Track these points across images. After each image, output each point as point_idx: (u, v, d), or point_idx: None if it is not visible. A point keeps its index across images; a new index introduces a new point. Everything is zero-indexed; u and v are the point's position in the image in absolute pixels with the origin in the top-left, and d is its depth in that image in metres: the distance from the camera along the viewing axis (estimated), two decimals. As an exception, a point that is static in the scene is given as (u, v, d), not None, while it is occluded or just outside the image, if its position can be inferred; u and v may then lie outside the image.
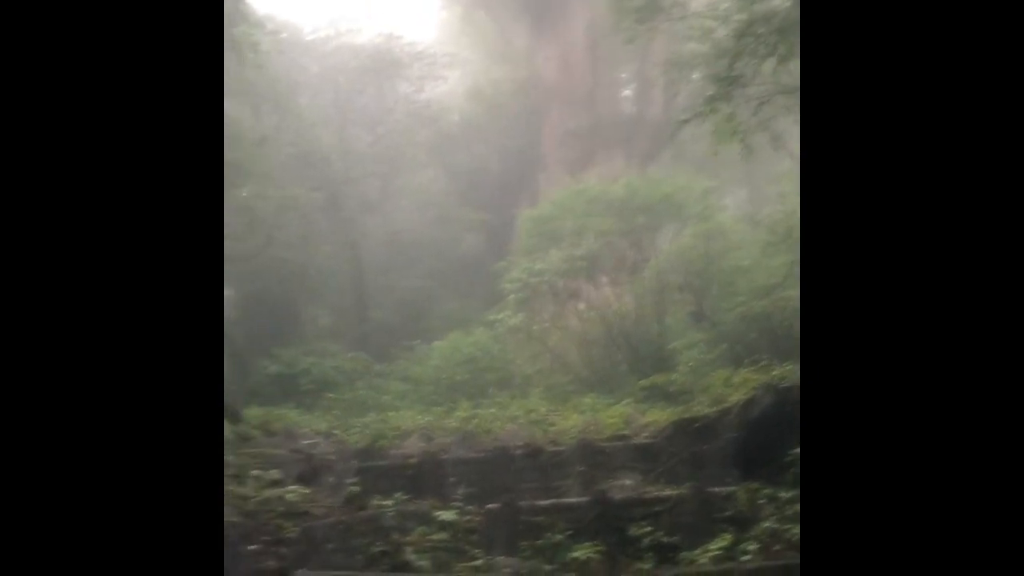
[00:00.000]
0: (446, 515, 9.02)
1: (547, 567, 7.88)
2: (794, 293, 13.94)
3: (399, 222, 24.46)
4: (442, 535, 8.75)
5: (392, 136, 23.25)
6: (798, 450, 8.67)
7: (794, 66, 8.81)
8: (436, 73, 24.20)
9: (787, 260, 14.45)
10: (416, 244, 23.35)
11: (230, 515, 8.38)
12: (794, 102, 9.10)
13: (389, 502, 9.24)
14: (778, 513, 8.19)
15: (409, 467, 10.14)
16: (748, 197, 27.28)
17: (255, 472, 9.46)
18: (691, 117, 8.94)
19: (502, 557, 8.04)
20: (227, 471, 9.47)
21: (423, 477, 10.03)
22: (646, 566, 7.77)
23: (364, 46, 23.04)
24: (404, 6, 34.59)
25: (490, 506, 9.00)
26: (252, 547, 8.05)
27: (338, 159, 21.05)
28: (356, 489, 9.84)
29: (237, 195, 18.45)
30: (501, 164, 24.86)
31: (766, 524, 8.03)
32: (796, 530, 7.78)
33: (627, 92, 28.42)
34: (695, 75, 18.22)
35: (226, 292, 20.45)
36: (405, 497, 9.46)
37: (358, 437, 11.78)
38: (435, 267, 22.67)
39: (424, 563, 8.17)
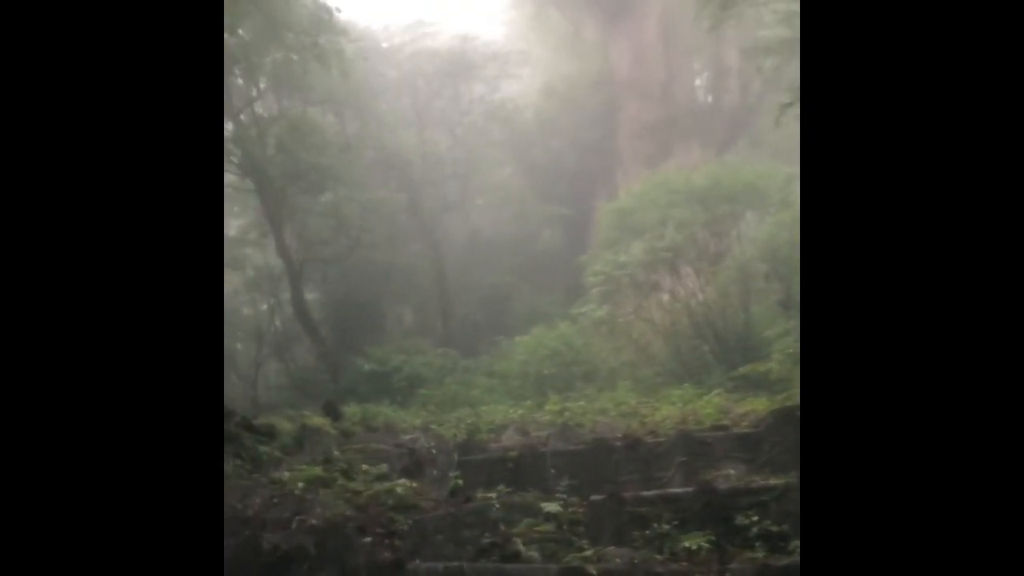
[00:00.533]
0: (551, 507, 9.16)
1: (658, 556, 7.95)
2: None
3: (479, 220, 24.75)
4: (548, 526, 8.88)
5: (470, 137, 23.54)
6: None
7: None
8: (510, 72, 24.42)
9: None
10: (496, 241, 23.59)
11: (344, 509, 8.70)
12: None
13: (493, 494, 9.42)
14: (889, 499, 8.10)
15: (509, 460, 10.31)
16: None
17: (364, 467, 9.76)
18: (791, 102, 8.84)
19: (612, 548, 8.14)
20: (336, 466, 9.82)
21: (523, 470, 10.19)
22: (757, 555, 7.77)
23: (439, 50, 23.37)
24: (476, 6, 34.80)
25: (594, 497, 9.10)
26: (367, 539, 8.33)
27: (418, 161, 21.42)
28: (460, 482, 10.06)
29: (325, 200, 18.96)
30: (577, 159, 24.89)
31: (877, 511, 7.95)
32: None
33: (699, 82, 28.16)
34: (768, 62, 17.95)
35: (315, 294, 21.02)
36: (508, 489, 9.63)
37: (454, 431, 12.02)
38: (515, 263, 22.87)
39: (533, 554, 8.32)
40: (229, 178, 16.92)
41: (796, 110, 9.54)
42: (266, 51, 17.72)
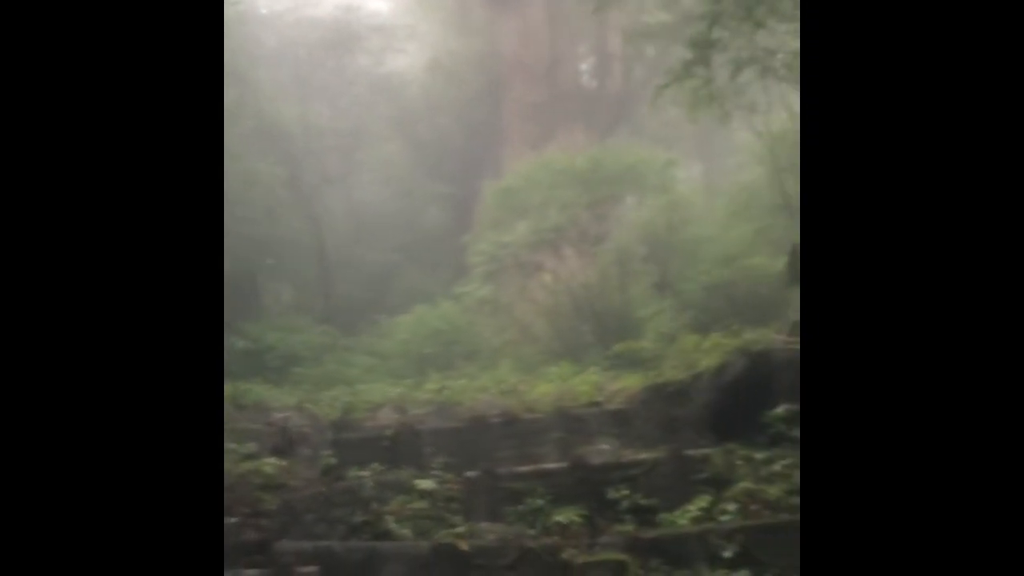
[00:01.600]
0: (425, 484, 9.09)
1: (530, 531, 8.01)
2: (756, 261, 14.22)
3: (362, 196, 24.21)
4: (422, 504, 8.82)
5: (353, 110, 22.97)
6: (775, 411, 8.91)
7: (767, 31, 8.91)
8: (395, 46, 23.94)
9: (748, 229, 14.71)
10: (380, 218, 23.16)
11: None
12: (769, 64, 9.20)
13: (366, 472, 9.28)
14: (754, 473, 8.39)
15: (384, 438, 10.17)
16: (702, 171, 27.56)
17: (231, 446, 9.39)
18: (671, 81, 8.99)
19: (485, 523, 8.15)
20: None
21: (399, 448, 10.07)
22: (627, 528, 7.94)
23: (323, 19, 22.66)
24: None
25: (469, 474, 9.09)
26: (232, 520, 8.03)
27: (299, 133, 20.74)
28: (332, 461, 9.85)
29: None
30: (464, 137, 24.69)
31: (743, 484, 8.23)
32: (773, 490, 8.00)
33: (584, 66, 28.42)
34: (650, 49, 18.29)
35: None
36: (382, 467, 9.51)
37: (329, 410, 11.76)
38: (399, 240, 22.53)
39: (406, 531, 8.24)
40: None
41: (672, 92, 9.77)
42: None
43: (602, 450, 9.56)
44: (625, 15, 21.97)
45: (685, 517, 7.89)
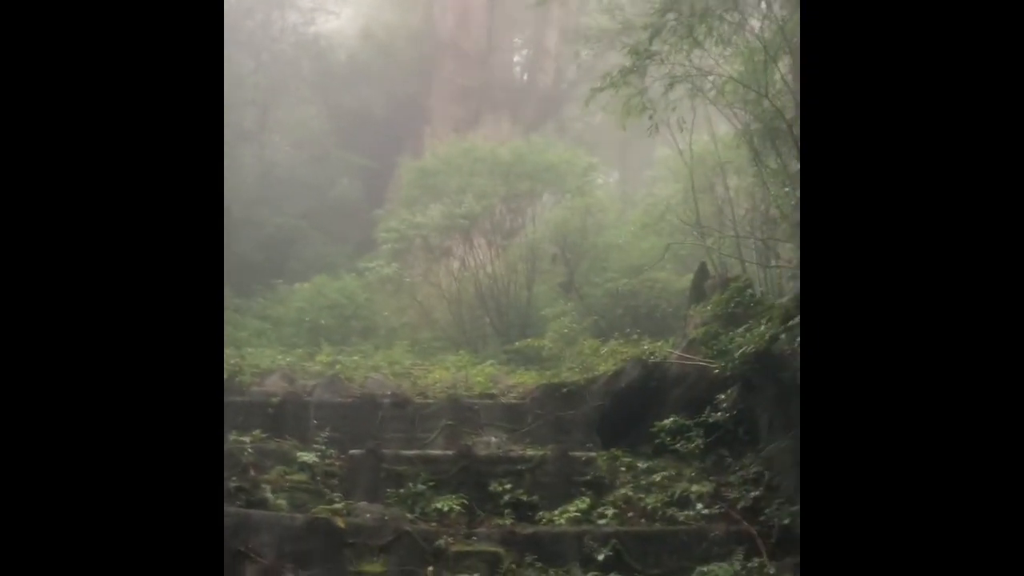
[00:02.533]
0: (307, 456, 8.87)
1: (408, 515, 7.91)
2: (662, 275, 14.47)
3: (274, 157, 23.47)
4: (301, 476, 8.61)
5: (276, 66, 22.23)
6: (663, 422, 9.06)
7: (703, 51, 9.04)
8: (328, 7, 23.33)
9: (658, 243, 14.92)
10: (289, 181, 22.49)
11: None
12: (700, 85, 9.35)
13: (247, 439, 8.97)
14: (635, 481, 8.54)
15: (270, 405, 9.87)
16: (619, 180, 27.95)
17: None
18: (606, 85, 9.02)
19: (363, 503, 8.00)
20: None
21: (284, 417, 9.79)
22: (505, 522, 7.93)
23: (256, -33, 21.91)
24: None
25: (353, 451, 8.92)
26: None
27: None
28: (213, 423, 9.47)
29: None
30: (386, 111, 24.23)
31: (623, 491, 8.36)
32: (651, 499, 8.15)
33: (518, 59, 28.41)
34: (584, 53, 18.37)
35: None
36: (264, 435, 9.22)
37: (215, 371, 11.31)
38: (308, 207, 21.92)
39: (282, 502, 8.01)
40: None
41: (604, 97, 9.82)
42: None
43: (490, 442, 9.55)
44: (566, 14, 22.07)
45: (564, 517, 7.95)
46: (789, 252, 10.75)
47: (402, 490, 8.35)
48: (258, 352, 13.22)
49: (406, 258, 17.32)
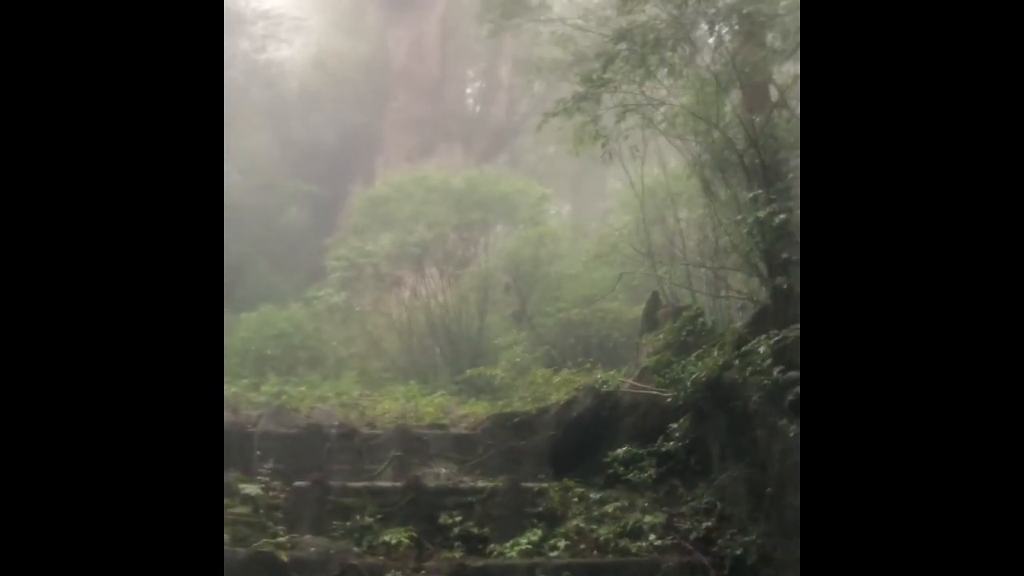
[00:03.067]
0: (250, 488, 8.58)
1: (355, 548, 7.67)
2: (614, 305, 14.49)
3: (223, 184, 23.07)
4: (244, 509, 8.31)
5: (225, 93, 21.89)
6: (616, 452, 8.98)
7: (656, 81, 9.13)
8: (280, 35, 23.17)
9: (608, 274, 14.97)
10: (237, 208, 22.04)
11: None
12: (652, 116, 9.43)
13: (188, 471, 8.67)
14: (587, 512, 8.40)
15: (213, 436, 9.54)
16: (571, 211, 28.15)
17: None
18: (559, 111, 9.03)
19: (308, 536, 7.74)
20: None
21: (229, 448, 9.37)
22: (455, 555, 7.74)
23: (207, -7, 21.66)
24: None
25: (298, 483, 8.65)
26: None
27: (163, 106, 19.63)
28: (152, 454, 9.14)
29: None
30: (337, 140, 24.12)
31: (575, 522, 8.22)
32: (603, 530, 8.02)
33: (471, 90, 28.59)
34: (537, 85, 18.55)
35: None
36: (206, 467, 8.91)
37: (156, 401, 10.95)
38: (256, 235, 21.57)
39: (224, 536, 7.71)
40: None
41: (555, 127, 9.87)
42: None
43: (440, 473, 9.35)
44: (519, 46, 22.26)
45: (515, 549, 7.77)
46: (739, 282, 10.84)
47: (349, 523, 8.11)
48: (201, 382, 12.84)
49: (356, 287, 17.12)
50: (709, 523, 7.94)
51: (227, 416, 10.38)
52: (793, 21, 8.19)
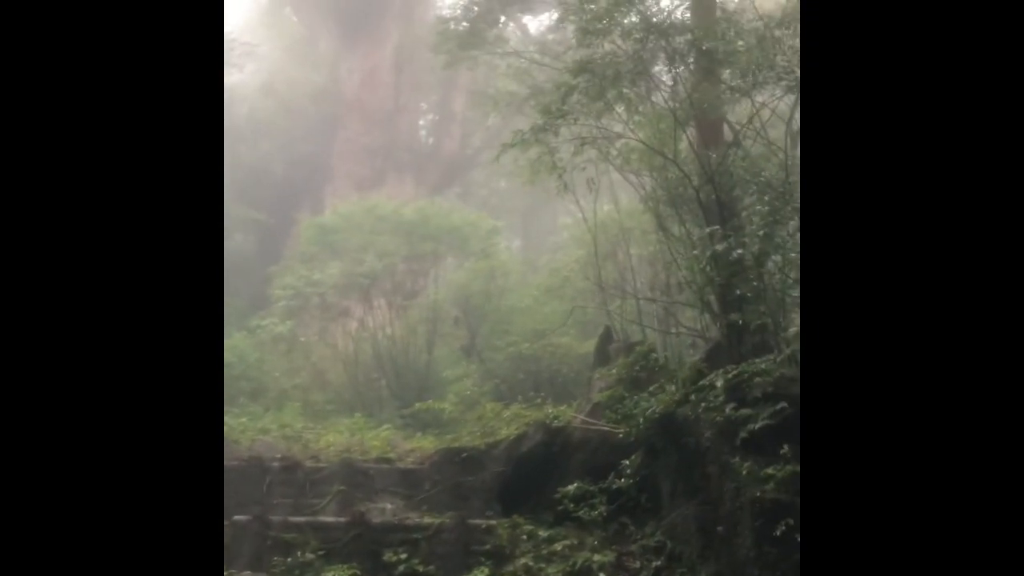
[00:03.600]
0: (185, 524, 8.21)
1: (296, 588, 7.38)
2: (564, 340, 14.41)
3: (165, 207, 22.59)
4: (178, 545, 7.94)
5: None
6: (566, 488, 8.83)
7: (613, 116, 9.15)
8: (231, 60, 22.80)
9: (559, 308, 14.93)
10: (180, 234, 21.67)
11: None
12: (608, 150, 9.44)
13: (119, 505, 8.27)
14: (536, 551, 8.22)
15: (147, 468, 9.14)
16: (521, 246, 28.16)
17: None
18: (516, 142, 8.98)
19: (247, 572, 7.42)
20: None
21: (162, 481, 9.08)
22: (400, 594, 7.49)
23: (156, 15, 21.32)
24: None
25: (237, 517, 8.31)
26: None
27: (107, 127, 19.15)
28: (81, 487, 8.71)
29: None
30: (286, 167, 23.81)
31: (523, 560, 8.03)
32: (552, 569, 7.85)
33: (423, 122, 28.55)
34: (491, 119, 18.60)
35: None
36: (139, 501, 8.52)
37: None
38: (198, 261, 21.12)
39: (154, 575, 7.34)
40: None
41: (508, 160, 9.84)
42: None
43: (385, 509, 9.09)
44: (473, 79, 22.33)
45: (462, 588, 7.56)
46: (690, 319, 10.85)
47: (290, 559, 7.81)
48: (136, 412, 12.37)
49: (301, 317, 16.77)
50: (659, 562, 7.80)
51: (163, 447, 9.99)
52: (749, 59, 8.30)
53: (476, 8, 14.46)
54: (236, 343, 16.38)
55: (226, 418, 12.20)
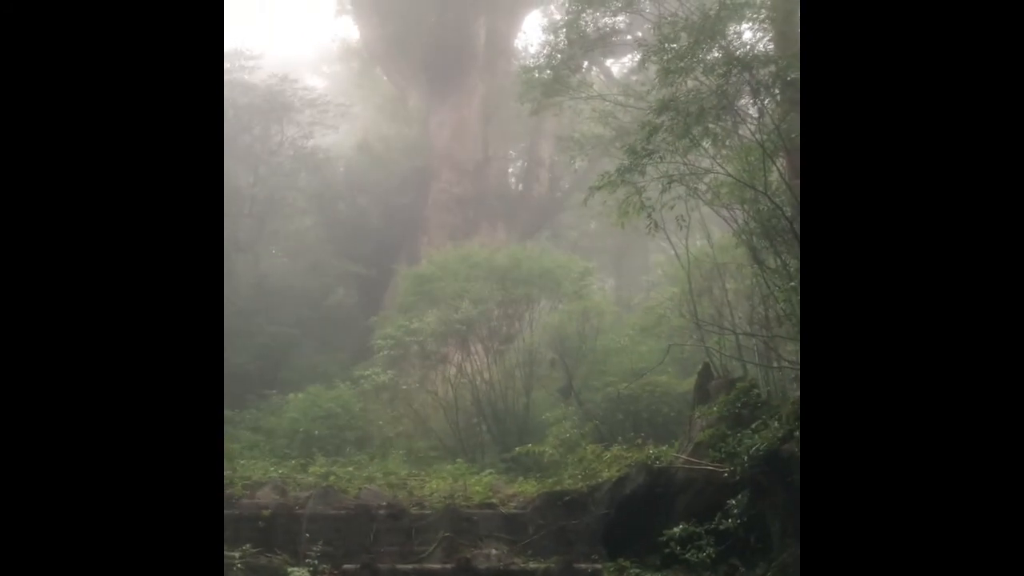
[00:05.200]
0: (298, 572, 8.46)
1: (406, 635, 7.45)
2: (663, 379, 14.24)
3: (269, 266, 23.54)
4: (292, 594, 8.16)
5: (274, 178, 22.55)
6: (671, 530, 8.68)
7: (699, 152, 9.12)
8: (326, 121, 23.81)
9: (656, 347, 14.79)
10: (285, 290, 22.46)
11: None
12: (697, 186, 9.40)
13: (236, 553, 8.55)
14: (644, 593, 8.10)
15: (261, 518, 9.46)
16: (614, 286, 28.04)
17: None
18: (604, 184, 9.05)
19: (358, 621, 7.54)
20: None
21: (275, 530, 9.37)
22: (509, 640, 7.47)
23: (256, 85, 22.46)
24: (302, 52, 34.27)
25: (347, 566, 8.50)
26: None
27: (214, 193, 20.13)
28: (200, 538, 9.05)
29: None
30: (382, 220, 24.52)
31: (632, 604, 7.92)
32: (661, 612, 7.70)
33: (512, 169, 28.99)
34: (579, 162, 18.74)
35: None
36: (255, 550, 8.80)
37: (205, 483, 10.91)
38: (303, 316, 21.83)
39: (271, 623, 7.56)
40: None
41: (597, 203, 9.87)
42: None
43: (490, 555, 9.10)
44: (559, 124, 22.61)
45: (571, 634, 7.48)
46: (792, 352, 10.58)
47: (399, 607, 7.89)
48: (250, 464, 12.81)
49: (402, 365, 17.08)
50: (773, 605, 7.58)
51: (275, 498, 10.30)
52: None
53: (559, 55, 14.71)
54: (340, 394, 16.83)
55: (333, 467, 12.57)
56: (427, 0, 25.00)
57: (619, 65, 27.25)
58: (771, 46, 10.42)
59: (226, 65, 22.24)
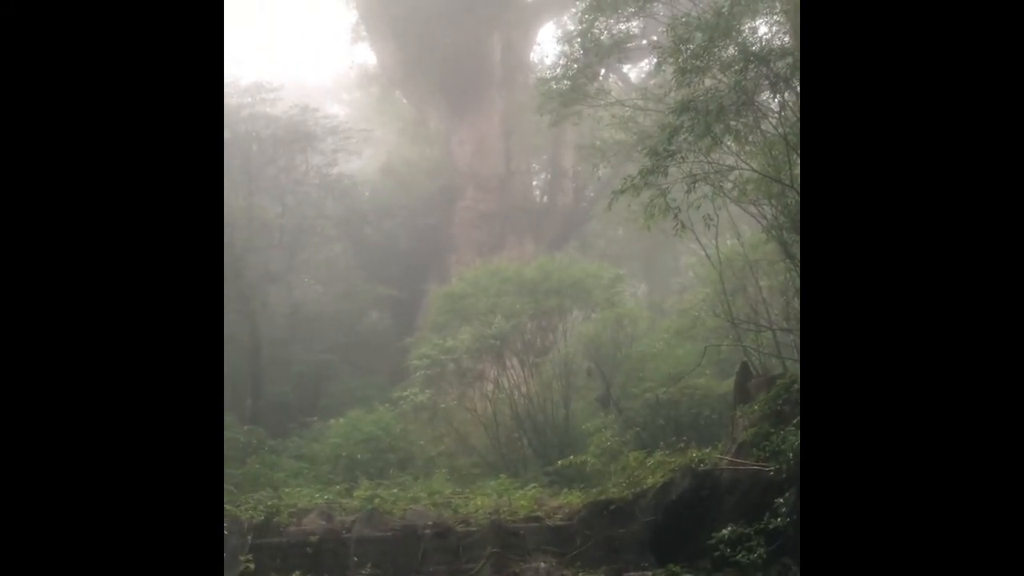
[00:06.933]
0: (349, 597, 8.46)
1: (460, 653, 7.42)
2: (701, 381, 14.10)
3: (303, 295, 23.75)
4: (344, 619, 8.17)
5: (301, 208, 22.78)
6: (720, 532, 8.58)
7: (723, 149, 9.06)
8: (350, 148, 24.01)
9: (692, 349, 14.68)
10: (319, 317, 22.65)
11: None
12: (722, 184, 9.33)
13: (286, 582, 8.61)
14: (697, 599, 8.00)
15: (309, 545, 9.51)
16: (646, 291, 27.90)
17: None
18: (627, 188, 9.01)
19: (411, 642, 7.53)
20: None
21: (324, 555, 9.42)
22: (564, 653, 7.42)
23: (278, 116, 22.73)
24: (321, 81, 34.69)
25: (397, 588, 8.49)
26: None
27: (243, 227, 20.38)
28: (251, 566, 9.14)
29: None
30: (410, 242, 24.66)
31: (686, 610, 7.82)
32: (716, 616, 7.60)
33: (536, 182, 29.02)
34: (602, 169, 18.72)
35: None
36: (304, 576, 8.84)
37: (252, 513, 11.00)
38: (338, 341, 21.99)
39: (325, 648, 7.57)
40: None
41: (623, 208, 9.81)
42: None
43: (539, 568, 9.06)
44: (580, 134, 22.61)
45: (626, 644, 7.41)
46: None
47: (451, 626, 7.87)
48: (295, 491, 12.88)
49: (439, 384, 17.10)
50: (830, 603, 7.43)
51: (321, 524, 10.34)
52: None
53: (575, 65, 14.74)
54: (381, 416, 16.89)
55: (378, 490, 12.60)
56: (441, 21, 25.16)
57: (636, 70, 27.24)
58: (787, 39, 10.35)
59: (247, 99, 22.59)
